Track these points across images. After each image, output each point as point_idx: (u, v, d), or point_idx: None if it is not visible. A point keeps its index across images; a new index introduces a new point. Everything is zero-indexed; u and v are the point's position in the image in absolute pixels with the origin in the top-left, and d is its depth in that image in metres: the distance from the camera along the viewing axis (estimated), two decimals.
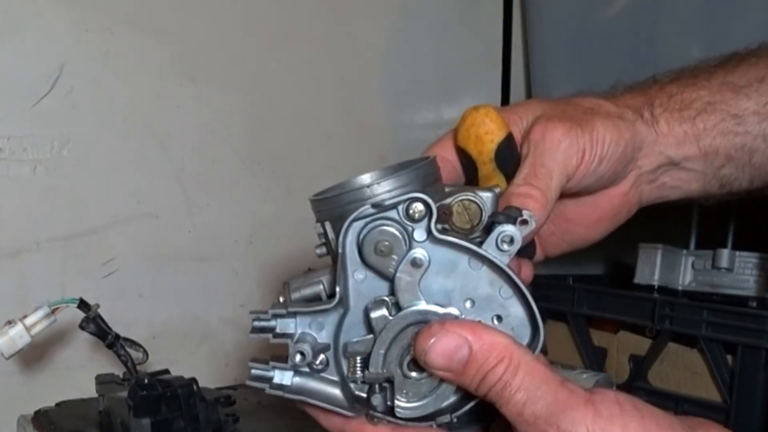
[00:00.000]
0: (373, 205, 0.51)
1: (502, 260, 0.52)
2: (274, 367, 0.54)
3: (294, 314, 0.54)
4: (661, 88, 0.67)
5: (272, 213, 1.37)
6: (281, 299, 0.56)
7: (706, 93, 0.66)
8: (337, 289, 0.53)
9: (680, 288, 1.19)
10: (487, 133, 0.59)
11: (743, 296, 1.12)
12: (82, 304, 0.93)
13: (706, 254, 1.18)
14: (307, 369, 0.54)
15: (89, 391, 1.03)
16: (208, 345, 1.33)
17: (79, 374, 1.20)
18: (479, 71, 1.55)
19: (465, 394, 0.52)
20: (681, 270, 1.20)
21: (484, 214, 0.54)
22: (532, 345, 0.53)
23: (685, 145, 0.65)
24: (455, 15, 1.52)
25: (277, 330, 0.54)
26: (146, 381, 0.89)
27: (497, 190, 0.56)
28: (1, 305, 1.12)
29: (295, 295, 0.56)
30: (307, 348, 0.53)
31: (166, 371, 0.98)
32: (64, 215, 1.22)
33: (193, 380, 0.92)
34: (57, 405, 1.06)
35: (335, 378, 0.54)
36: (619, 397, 0.49)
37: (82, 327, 0.94)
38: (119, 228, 1.25)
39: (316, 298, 0.56)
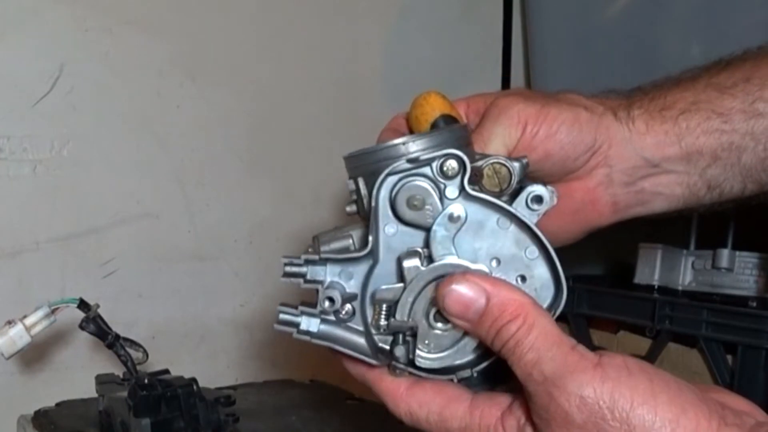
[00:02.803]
0: (408, 161, 0.52)
1: (531, 219, 0.53)
2: (302, 313, 0.55)
3: (325, 261, 0.55)
4: (644, 93, 0.67)
5: (272, 213, 1.37)
6: (310, 251, 0.57)
7: (689, 94, 0.65)
8: (370, 238, 0.53)
9: (680, 288, 1.19)
10: (423, 113, 0.65)
11: (743, 296, 1.12)
12: (82, 304, 0.93)
13: (706, 254, 1.18)
14: (333, 318, 0.55)
15: (89, 391, 1.03)
16: (208, 345, 1.33)
17: (79, 374, 1.19)
18: (479, 71, 1.55)
19: (484, 351, 0.53)
20: (681, 270, 1.20)
21: (513, 178, 0.55)
22: (553, 306, 0.54)
23: (665, 144, 0.65)
24: (455, 15, 1.52)
25: (308, 276, 0.55)
26: (146, 381, 0.89)
27: (525, 161, 0.57)
28: (1, 305, 1.12)
29: (324, 248, 0.57)
30: (336, 294, 0.53)
31: (166, 371, 0.98)
32: (64, 215, 1.22)
33: (193, 380, 0.92)
34: (57, 405, 1.06)
35: (360, 328, 0.55)
36: (628, 360, 0.49)
37: (82, 327, 0.94)
38: (119, 228, 1.25)
39: (344, 252, 0.56)
